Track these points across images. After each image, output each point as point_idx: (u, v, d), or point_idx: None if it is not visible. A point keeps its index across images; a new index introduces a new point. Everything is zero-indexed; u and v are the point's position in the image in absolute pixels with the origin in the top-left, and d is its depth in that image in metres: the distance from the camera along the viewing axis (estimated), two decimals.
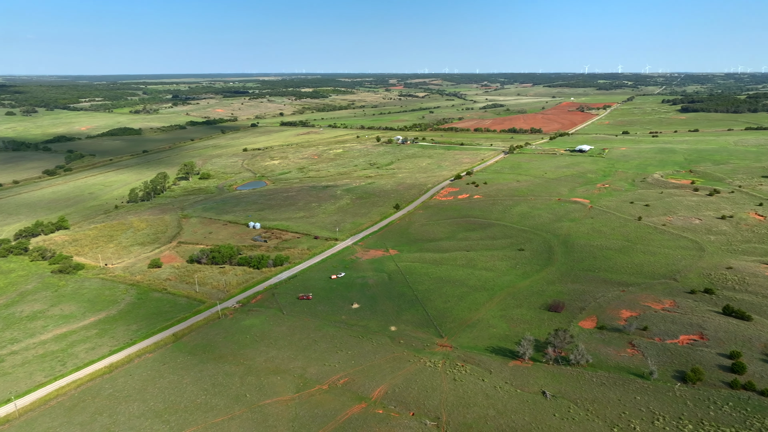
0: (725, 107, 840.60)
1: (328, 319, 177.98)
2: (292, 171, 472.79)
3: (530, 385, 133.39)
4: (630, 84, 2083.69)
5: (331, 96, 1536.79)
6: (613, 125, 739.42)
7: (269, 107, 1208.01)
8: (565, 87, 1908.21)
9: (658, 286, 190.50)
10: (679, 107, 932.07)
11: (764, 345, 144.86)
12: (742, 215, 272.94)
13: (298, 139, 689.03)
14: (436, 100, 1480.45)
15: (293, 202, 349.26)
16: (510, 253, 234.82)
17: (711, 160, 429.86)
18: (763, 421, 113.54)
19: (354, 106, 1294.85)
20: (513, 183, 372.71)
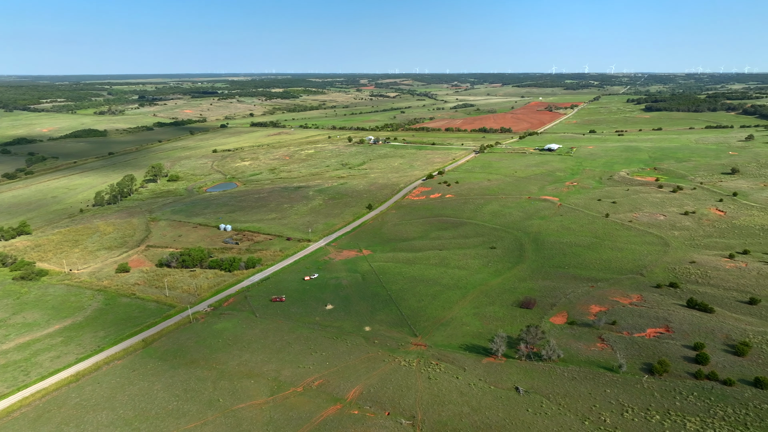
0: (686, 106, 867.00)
1: (301, 321, 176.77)
2: (263, 172, 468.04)
3: (504, 381, 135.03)
4: (596, 84, 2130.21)
5: (302, 96, 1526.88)
6: (581, 124, 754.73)
7: (239, 108, 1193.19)
8: (534, 87, 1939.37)
9: (625, 281, 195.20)
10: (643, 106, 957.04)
11: (726, 336, 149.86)
12: (703, 211, 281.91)
13: (269, 139, 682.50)
14: (407, 100, 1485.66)
15: (265, 203, 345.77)
16: (482, 251, 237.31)
17: (674, 157, 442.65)
18: (726, 410, 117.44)
19: (325, 106, 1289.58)
20: (484, 182, 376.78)
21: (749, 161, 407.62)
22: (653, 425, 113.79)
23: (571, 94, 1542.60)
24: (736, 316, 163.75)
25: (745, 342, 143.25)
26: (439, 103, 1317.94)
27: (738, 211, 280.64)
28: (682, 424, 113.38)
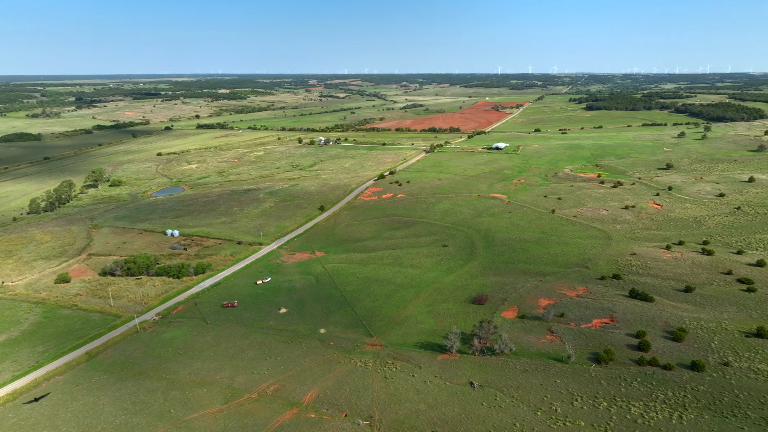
0: (624, 105, 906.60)
1: (255, 326, 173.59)
2: (211, 175, 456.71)
3: (458, 377, 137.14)
4: (540, 84, 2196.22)
5: (249, 97, 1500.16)
6: (526, 123, 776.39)
7: (184, 109, 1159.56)
8: (481, 87, 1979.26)
9: (572, 275, 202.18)
10: (585, 106, 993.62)
11: (665, 323, 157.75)
12: (642, 205, 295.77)
13: (216, 141, 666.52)
14: (356, 100, 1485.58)
15: (214, 207, 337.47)
16: (434, 249, 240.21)
17: (614, 154, 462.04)
18: (666, 393, 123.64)
19: (274, 107, 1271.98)
20: (435, 181, 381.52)
21: (682, 157, 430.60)
22: (601, 412, 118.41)
23: (517, 94, 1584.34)
24: (674, 303, 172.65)
25: (682, 328, 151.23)
26: (388, 104, 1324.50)
27: (673, 204, 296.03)
28: (627, 409, 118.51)
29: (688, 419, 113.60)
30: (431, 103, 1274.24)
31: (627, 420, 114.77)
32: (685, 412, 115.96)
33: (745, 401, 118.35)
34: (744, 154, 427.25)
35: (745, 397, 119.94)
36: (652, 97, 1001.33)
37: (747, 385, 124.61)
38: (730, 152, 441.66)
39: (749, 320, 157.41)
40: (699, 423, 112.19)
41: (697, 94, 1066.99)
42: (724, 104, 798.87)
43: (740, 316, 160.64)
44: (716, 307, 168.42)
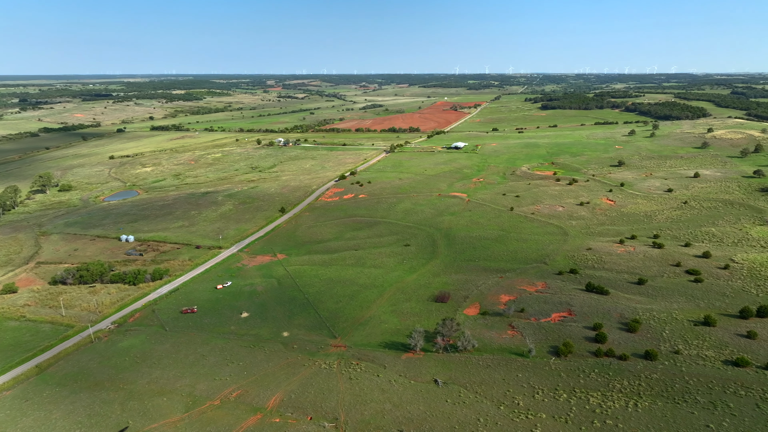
0: (577, 105, 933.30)
1: (216, 332, 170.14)
2: (167, 178, 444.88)
3: (423, 375, 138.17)
4: (496, 84, 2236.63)
5: (205, 98, 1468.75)
6: (484, 123, 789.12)
7: (137, 111, 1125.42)
8: (439, 87, 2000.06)
9: (531, 270, 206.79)
10: (540, 105, 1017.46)
11: (620, 315, 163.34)
12: (596, 201, 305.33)
13: (172, 144, 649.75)
14: (316, 101, 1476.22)
15: (170, 211, 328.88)
16: (397, 249, 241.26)
17: (569, 152, 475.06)
18: (623, 382, 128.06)
19: (231, 108, 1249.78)
20: (396, 181, 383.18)
21: (632, 154, 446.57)
22: (561, 403, 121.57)
23: (474, 94, 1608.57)
24: (628, 296, 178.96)
25: (636, 319, 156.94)
26: (348, 104, 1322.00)
27: (625, 200, 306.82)
28: (586, 400, 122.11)
29: (643, 407, 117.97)
30: (391, 104, 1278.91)
31: (586, 410, 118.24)
32: (640, 400, 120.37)
33: (694, 387, 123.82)
34: (689, 151, 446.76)
35: (694, 383, 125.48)
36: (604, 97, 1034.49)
37: (696, 371, 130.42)
38: (677, 149, 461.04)
39: (697, 309, 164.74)
40: (653, 410, 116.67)
41: (645, 94, 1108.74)
42: (670, 103, 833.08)
43: (689, 306, 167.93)
44: (667, 298, 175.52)
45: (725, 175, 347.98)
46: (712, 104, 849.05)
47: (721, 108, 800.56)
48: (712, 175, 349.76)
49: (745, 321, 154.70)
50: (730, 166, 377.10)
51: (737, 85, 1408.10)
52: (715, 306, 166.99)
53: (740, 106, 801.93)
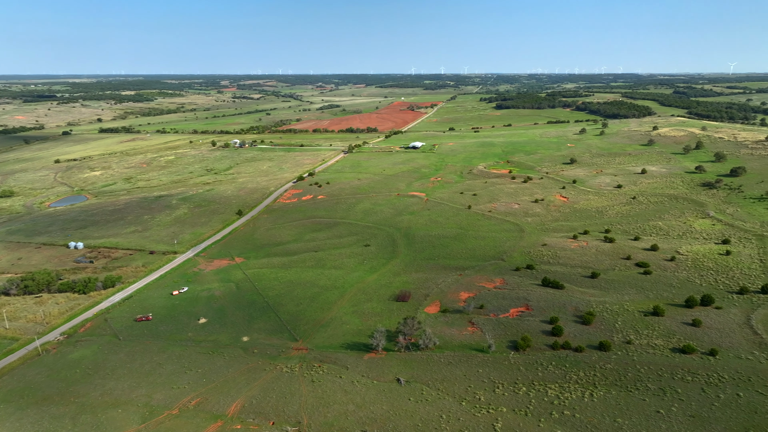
0: (531, 104, 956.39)
1: (172, 339, 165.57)
2: (117, 182, 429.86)
3: (385, 374, 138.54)
4: (452, 84, 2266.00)
5: (157, 99, 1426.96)
6: (441, 122, 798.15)
7: (84, 113, 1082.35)
8: (396, 87, 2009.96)
9: (489, 267, 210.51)
10: (495, 105, 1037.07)
11: (575, 308, 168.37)
12: (550, 198, 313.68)
13: (122, 146, 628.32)
14: (272, 101, 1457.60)
15: (122, 216, 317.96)
16: (357, 249, 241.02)
17: (523, 151, 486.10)
18: (579, 373, 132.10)
19: (184, 109, 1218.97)
20: (354, 181, 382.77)
21: (584, 152, 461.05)
22: (521, 397, 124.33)
23: (431, 94, 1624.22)
24: (582, 289, 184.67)
25: (590, 312, 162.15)
26: (305, 105, 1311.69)
27: (578, 196, 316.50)
28: (544, 392, 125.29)
29: (598, 396, 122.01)
30: (348, 104, 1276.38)
31: (545, 402, 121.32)
32: (596, 390, 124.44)
33: (645, 375, 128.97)
34: (637, 148, 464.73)
35: (645, 371, 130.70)
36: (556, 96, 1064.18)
37: (647, 359, 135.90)
38: (625, 147, 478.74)
39: (647, 300, 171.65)
40: (608, 398, 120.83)
41: (594, 93, 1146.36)
42: (618, 102, 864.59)
43: (639, 297, 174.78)
44: (618, 290, 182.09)
45: (670, 171, 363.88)
46: (657, 103, 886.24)
47: (665, 107, 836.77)
48: (658, 171, 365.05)
49: (690, 310, 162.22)
50: (674, 163, 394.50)
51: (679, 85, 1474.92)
52: (663, 297, 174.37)
53: (682, 104, 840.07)
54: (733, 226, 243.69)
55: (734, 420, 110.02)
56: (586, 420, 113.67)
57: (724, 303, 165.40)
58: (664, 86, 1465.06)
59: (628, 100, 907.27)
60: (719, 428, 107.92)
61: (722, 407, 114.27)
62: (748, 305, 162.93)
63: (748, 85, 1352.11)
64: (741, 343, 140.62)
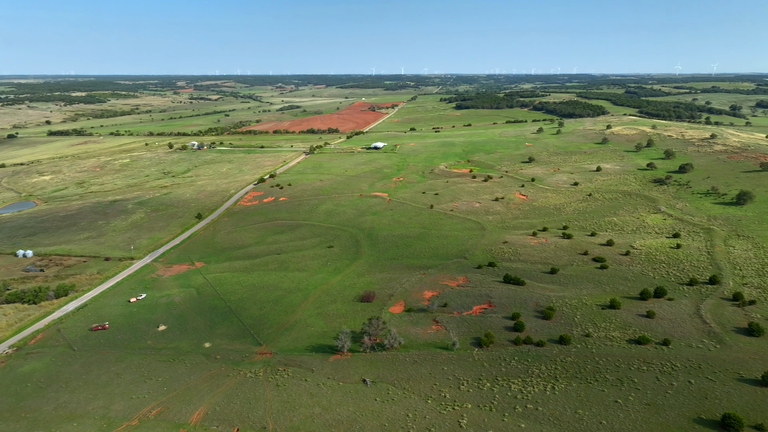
0: (490, 104, 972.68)
1: (130, 348, 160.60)
2: (69, 187, 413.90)
3: (351, 376, 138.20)
4: (412, 84, 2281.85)
5: (110, 100, 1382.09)
6: (402, 123, 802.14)
7: (31, 115, 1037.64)
8: (356, 88, 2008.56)
9: (452, 266, 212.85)
10: (455, 105, 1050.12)
11: (536, 304, 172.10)
12: (510, 196, 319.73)
13: (73, 150, 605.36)
14: (230, 102, 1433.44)
15: (74, 221, 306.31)
16: (320, 251, 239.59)
17: (483, 150, 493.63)
18: (540, 367, 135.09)
19: (139, 111, 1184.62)
20: (316, 182, 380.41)
21: (541, 151, 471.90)
22: (485, 392, 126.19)
23: (391, 95, 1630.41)
24: (542, 285, 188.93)
25: (550, 307, 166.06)
26: (264, 105, 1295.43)
27: (536, 194, 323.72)
28: (507, 387, 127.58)
29: (560, 389, 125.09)
30: (308, 105, 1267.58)
31: (508, 397, 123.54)
32: (557, 383, 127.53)
33: (604, 366, 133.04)
34: (592, 147, 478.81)
35: (604, 362, 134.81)
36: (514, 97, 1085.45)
37: (605, 351, 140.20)
38: (581, 145, 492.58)
39: (604, 294, 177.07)
40: (568, 391, 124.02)
41: (550, 93, 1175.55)
42: (573, 102, 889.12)
43: (596, 291, 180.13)
44: (577, 285, 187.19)
45: (623, 168, 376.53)
46: (610, 102, 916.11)
47: (618, 106, 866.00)
48: (612, 169, 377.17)
49: (644, 302, 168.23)
50: (627, 160, 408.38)
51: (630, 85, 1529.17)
52: (619, 290, 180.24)
53: (633, 104, 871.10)
54: (683, 220, 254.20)
55: (686, 406, 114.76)
56: (548, 413, 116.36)
57: (675, 294, 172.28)
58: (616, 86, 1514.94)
59: (582, 100, 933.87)
60: (673, 415, 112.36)
61: (675, 394, 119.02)
62: (698, 296, 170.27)
63: (693, 85, 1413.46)
64: (692, 333, 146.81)
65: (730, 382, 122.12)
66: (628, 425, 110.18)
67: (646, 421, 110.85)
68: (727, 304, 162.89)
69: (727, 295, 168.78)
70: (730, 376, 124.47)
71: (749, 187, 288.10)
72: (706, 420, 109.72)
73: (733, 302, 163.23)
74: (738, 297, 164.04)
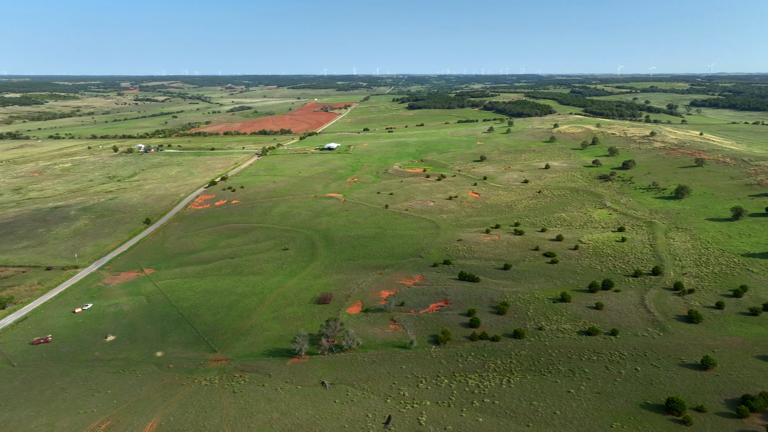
0: (441, 104, 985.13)
1: (77, 360, 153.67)
2: (4, 193, 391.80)
3: (310, 379, 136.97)
4: (365, 85, 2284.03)
5: (48, 102, 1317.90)
6: (355, 123, 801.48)
7: None
8: (309, 89, 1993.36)
9: (408, 265, 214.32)
10: (407, 105, 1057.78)
11: (490, 299, 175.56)
12: (463, 195, 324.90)
13: (8, 154, 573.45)
14: (178, 104, 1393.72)
15: (12, 230, 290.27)
16: (275, 254, 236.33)
17: (436, 149, 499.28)
18: (496, 362, 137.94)
19: (81, 113, 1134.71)
20: (270, 184, 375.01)
21: (492, 149, 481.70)
22: (443, 389, 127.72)
23: (344, 95, 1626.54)
24: (496, 281, 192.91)
25: (505, 302, 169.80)
26: (214, 107, 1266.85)
27: (489, 192, 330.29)
28: (465, 382, 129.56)
29: (515, 382, 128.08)
30: (260, 105, 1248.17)
31: (466, 392, 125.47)
32: (512, 376, 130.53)
33: (556, 358, 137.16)
34: (540, 145, 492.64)
35: (556, 354, 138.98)
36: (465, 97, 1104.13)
37: (557, 343, 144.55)
38: (530, 144, 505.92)
39: (555, 288, 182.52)
40: (523, 383, 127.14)
41: (500, 93, 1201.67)
42: (522, 102, 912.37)
43: (548, 285, 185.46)
44: (529, 280, 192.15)
45: (570, 166, 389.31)
46: (556, 102, 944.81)
47: (564, 105, 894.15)
48: (560, 166, 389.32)
49: (593, 294, 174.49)
50: (573, 158, 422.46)
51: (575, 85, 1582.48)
52: (569, 283, 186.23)
53: (578, 103, 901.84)
54: (627, 214, 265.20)
55: (634, 392, 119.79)
56: (504, 406, 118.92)
57: (621, 286, 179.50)
58: (562, 86, 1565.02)
59: (530, 100, 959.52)
60: (621, 401, 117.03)
61: (623, 382, 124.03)
62: (642, 287, 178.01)
63: (633, 85, 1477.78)
64: (637, 322, 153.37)
65: (672, 367, 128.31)
66: (580, 414, 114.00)
67: (596, 409, 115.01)
68: (669, 293, 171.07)
69: (668, 285, 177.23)
70: (672, 361, 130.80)
71: (686, 182, 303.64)
72: (652, 405, 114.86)
73: (674, 291, 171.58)
74: (678, 286, 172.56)
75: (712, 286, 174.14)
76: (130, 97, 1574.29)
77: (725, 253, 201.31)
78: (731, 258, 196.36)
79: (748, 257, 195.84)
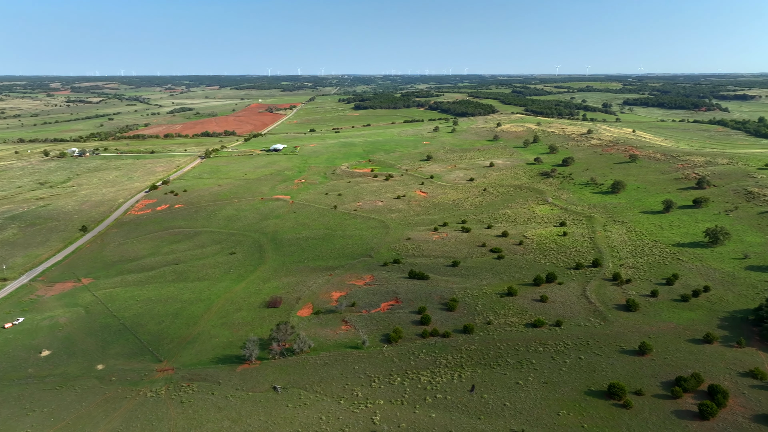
0: (387, 104, 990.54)
1: (8, 379, 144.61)
2: None
3: (261, 384, 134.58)
4: (310, 85, 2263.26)
5: None
6: (301, 124, 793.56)
7: None
8: (252, 89, 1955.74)
9: (358, 265, 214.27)
10: (353, 105, 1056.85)
11: (440, 297, 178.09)
12: (411, 194, 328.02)
13: None
14: (115, 105, 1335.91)
15: None
16: (222, 258, 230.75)
17: (383, 149, 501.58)
18: (447, 357, 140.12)
19: (5, 115, 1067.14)
20: (215, 187, 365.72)
21: (438, 149, 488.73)
22: (396, 387, 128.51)
23: (289, 96, 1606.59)
24: (445, 278, 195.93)
25: (454, 298, 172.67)
26: (153, 108, 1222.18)
27: (436, 191, 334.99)
28: (417, 380, 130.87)
29: (466, 376, 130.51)
30: (202, 107, 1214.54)
31: (418, 389, 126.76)
32: (463, 371, 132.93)
33: (505, 351, 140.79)
34: (484, 144, 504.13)
35: (504, 347, 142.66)
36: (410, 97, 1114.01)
37: (505, 337, 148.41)
38: (474, 143, 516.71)
39: (502, 282, 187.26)
40: (474, 378, 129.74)
41: (444, 93, 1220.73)
42: (466, 101, 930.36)
43: (495, 281, 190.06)
44: (477, 276, 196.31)
45: (513, 164, 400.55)
46: (499, 101, 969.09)
47: (506, 105, 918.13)
48: (504, 164, 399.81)
49: (538, 287, 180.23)
50: (516, 156, 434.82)
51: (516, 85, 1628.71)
52: (515, 278, 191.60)
53: (520, 103, 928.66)
54: (568, 209, 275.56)
55: (578, 381, 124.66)
56: (456, 400, 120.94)
57: (564, 278, 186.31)
58: (504, 86, 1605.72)
59: (474, 99, 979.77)
60: (567, 390, 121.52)
61: (568, 371, 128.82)
62: (583, 278, 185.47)
63: (571, 84, 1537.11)
64: (580, 313, 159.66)
65: (613, 354, 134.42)
66: (529, 404, 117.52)
67: (544, 398, 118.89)
68: (608, 284, 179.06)
69: (607, 276, 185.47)
70: (613, 349, 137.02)
71: (621, 177, 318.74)
72: (595, 391, 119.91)
73: (613, 282, 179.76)
74: (617, 277, 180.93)
75: (647, 275, 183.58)
76: (61, 99, 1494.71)
77: (658, 244, 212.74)
78: (663, 248, 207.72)
79: (678, 247, 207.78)
